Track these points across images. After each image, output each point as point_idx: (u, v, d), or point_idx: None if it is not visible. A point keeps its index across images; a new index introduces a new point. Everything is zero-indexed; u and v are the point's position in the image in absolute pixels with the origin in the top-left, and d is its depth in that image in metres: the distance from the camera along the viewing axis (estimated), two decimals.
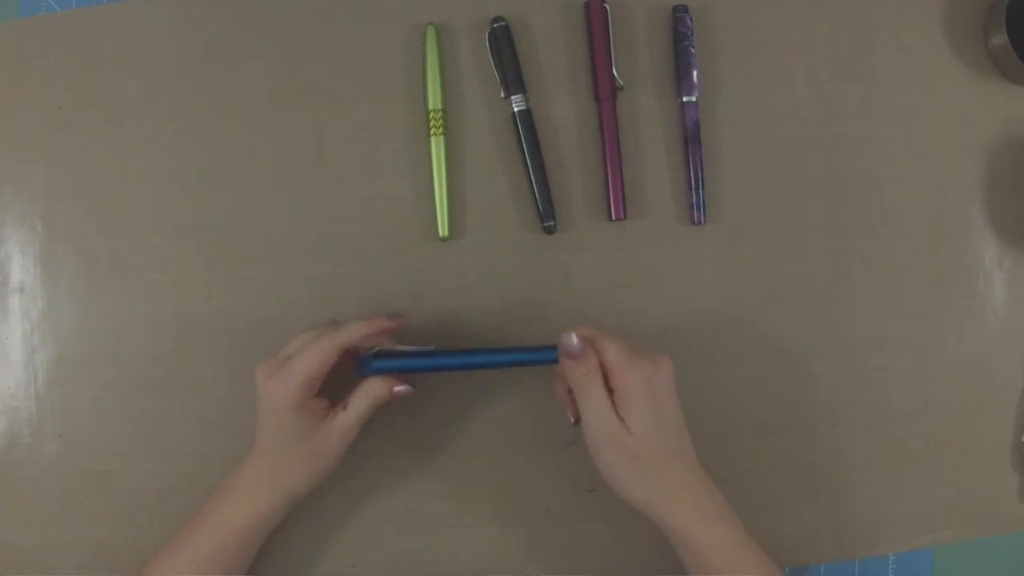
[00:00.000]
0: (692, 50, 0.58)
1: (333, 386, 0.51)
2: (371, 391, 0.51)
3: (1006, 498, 0.60)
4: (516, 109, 0.57)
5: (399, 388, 0.51)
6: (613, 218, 0.58)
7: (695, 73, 0.58)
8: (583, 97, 0.59)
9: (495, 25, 0.58)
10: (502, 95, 0.58)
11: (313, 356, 0.49)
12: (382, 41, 0.59)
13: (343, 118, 0.58)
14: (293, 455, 0.50)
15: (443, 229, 0.57)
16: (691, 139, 0.58)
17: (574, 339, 0.48)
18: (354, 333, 0.50)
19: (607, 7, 0.58)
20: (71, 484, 0.58)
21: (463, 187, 0.58)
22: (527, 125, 0.57)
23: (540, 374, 0.57)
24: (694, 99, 0.58)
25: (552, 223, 0.57)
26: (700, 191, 0.58)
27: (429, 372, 0.53)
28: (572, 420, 0.52)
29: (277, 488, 0.50)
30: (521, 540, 0.57)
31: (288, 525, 0.55)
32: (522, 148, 0.57)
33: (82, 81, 0.59)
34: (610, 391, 0.49)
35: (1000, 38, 0.58)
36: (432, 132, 0.57)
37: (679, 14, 0.58)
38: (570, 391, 0.51)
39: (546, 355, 0.50)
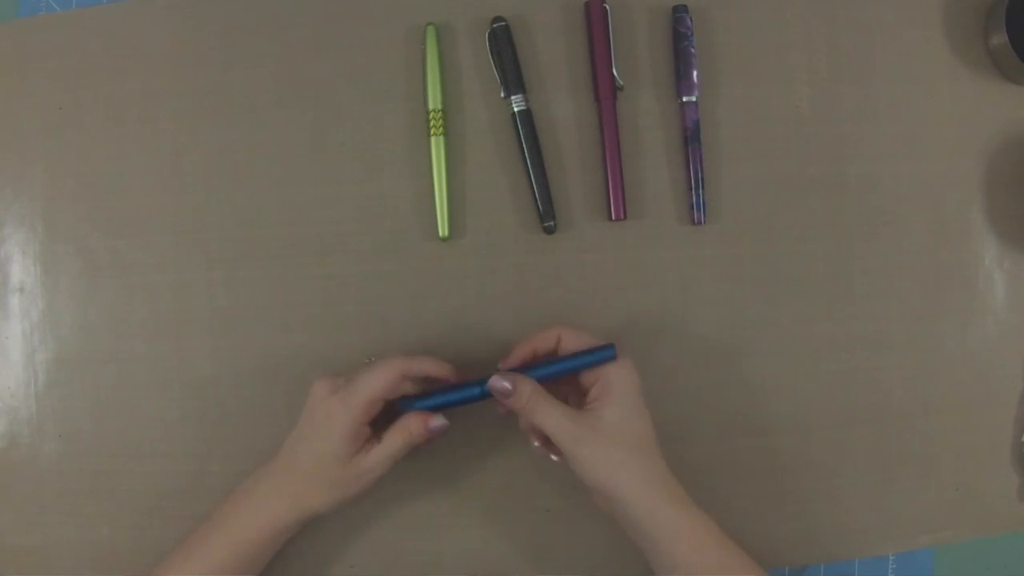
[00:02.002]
0: (692, 50, 0.58)
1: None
2: (407, 427, 0.51)
3: (1006, 498, 0.60)
4: (516, 109, 0.57)
5: (435, 423, 0.51)
6: (613, 218, 0.58)
7: (695, 73, 0.58)
8: (583, 97, 0.59)
9: (495, 25, 0.58)
10: (502, 95, 0.58)
11: (378, 377, 0.49)
12: (382, 41, 0.59)
13: (343, 118, 0.58)
14: (323, 476, 0.50)
15: (443, 229, 0.57)
16: (691, 139, 0.58)
17: (498, 381, 0.48)
18: (422, 365, 0.51)
19: (607, 7, 0.58)
20: (71, 484, 0.58)
21: (463, 187, 0.58)
22: (527, 125, 0.57)
23: None
24: (694, 99, 0.58)
25: (552, 223, 0.57)
26: (700, 191, 0.58)
27: (469, 404, 0.52)
28: (556, 458, 0.52)
29: (298, 504, 0.50)
30: (521, 540, 0.57)
31: None
32: (522, 148, 0.57)
33: (82, 81, 0.59)
34: (583, 390, 0.50)
35: (1000, 38, 0.58)
36: (432, 132, 0.57)
37: (679, 14, 0.58)
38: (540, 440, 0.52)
39: (587, 359, 0.50)
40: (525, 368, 0.50)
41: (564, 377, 0.51)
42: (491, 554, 0.57)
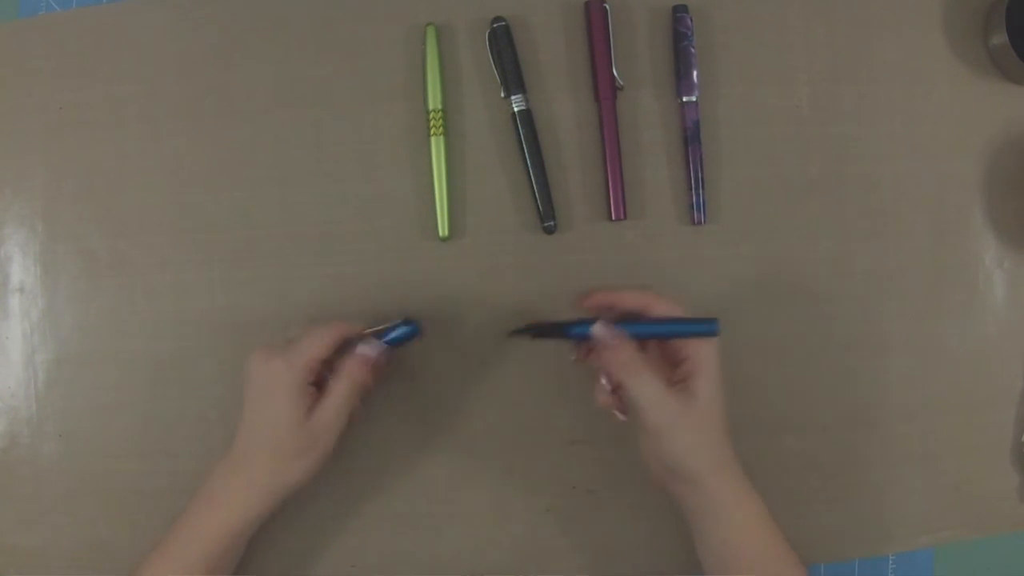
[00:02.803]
0: (692, 50, 0.58)
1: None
2: (349, 372, 0.50)
3: (1006, 498, 0.60)
4: (516, 109, 0.57)
5: (370, 352, 0.50)
6: (613, 218, 0.58)
7: (695, 73, 0.58)
8: (583, 97, 0.59)
9: (495, 25, 0.58)
10: (502, 95, 0.58)
11: (321, 337, 0.49)
12: (382, 41, 0.59)
13: (343, 118, 0.58)
14: (286, 449, 0.49)
15: (443, 229, 0.57)
16: (691, 139, 0.58)
17: (603, 329, 0.47)
18: (355, 328, 0.51)
19: (607, 7, 0.58)
20: (71, 484, 0.58)
21: (463, 187, 0.58)
22: (527, 125, 0.57)
23: (540, 373, 0.57)
24: (694, 99, 0.58)
25: (552, 223, 0.57)
26: (700, 191, 0.58)
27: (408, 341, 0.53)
28: (623, 417, 0.51)
29: (271, 490, 0.49)
30: (521, 540, 0.57)
31: (287, 525, 0.55)
32: (522, 148, 0.57)
33: (82, 81, 0.59)
34: (671, 361, 0.49)
35: (1000, 38, 0.58)
36: (432, 132, 0.57)
37: (679, 14, 0.58)
38: (613, 390, 0.50)
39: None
40: (622, 322, 0.49)
41: (653, 340, 0.50)
42: (491, 554, 0.57)
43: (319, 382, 0.50)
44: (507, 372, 0.57)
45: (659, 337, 0.50)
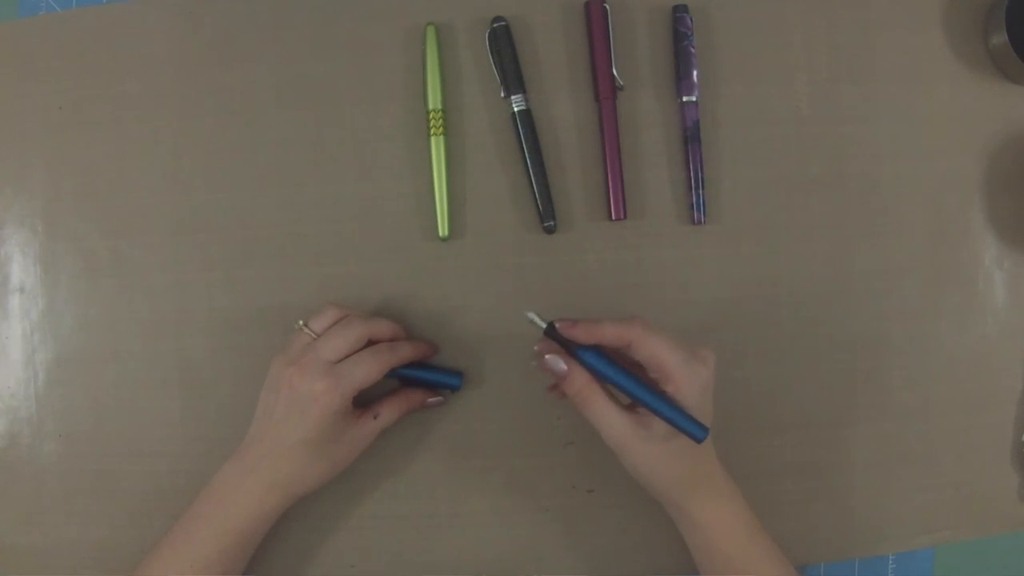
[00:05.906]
0: (692, 50, 0.58)
1: None
2: (406, 402, 0.54)
3: (1006, 498, 0.60)
4: (516, 109, 0.57)
5: (433, 400, 0.55)
6: (613, 218, 0.58)
7: (695, 73, 0.58)
8: (583, 97, 0.59)
9: (495, 25, 0.58)
10: (502, 95, 0.58)
11: (374, 371, 0.50)
12: (382, 41, 0.59)
13: (343, 118, 0.58)
14: (316, 460, 0.50)
15: (443, 229, 0.57)
16: (691, 139, 0.58)
17: (555, 362, 0.48)
18: (408, 356, 0.53)
19: (607, 7, 0.58)
20: (71, 484, 0.58)
21: (463, 187, 0.58)
22: (527, 125, 0.57)
23: (540, 373, 0.57)
24: (694, 99, 0.58)
25: (552, 223, 0.57)
26: (700, 191, 0.58)
27: (443, 387, 0.57)
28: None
29: (288, 492, 0.50)
30: (521, 540, 0.58)
31: (287, 525, 0.55)
32: (522, 148, 0.57)
33: (82, 81, 0.59)
34: (655, 381, 0.48)
35: (1000, 38, 0.58)
36: (432, 132, 0.57)
37: (679, 14, 0.58)
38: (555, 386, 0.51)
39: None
40: (598, 363, 0.47)
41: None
42: (491, 554, 0.57)
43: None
44: (506, 372, 0.57)
45: (647, 407, 0.47)
